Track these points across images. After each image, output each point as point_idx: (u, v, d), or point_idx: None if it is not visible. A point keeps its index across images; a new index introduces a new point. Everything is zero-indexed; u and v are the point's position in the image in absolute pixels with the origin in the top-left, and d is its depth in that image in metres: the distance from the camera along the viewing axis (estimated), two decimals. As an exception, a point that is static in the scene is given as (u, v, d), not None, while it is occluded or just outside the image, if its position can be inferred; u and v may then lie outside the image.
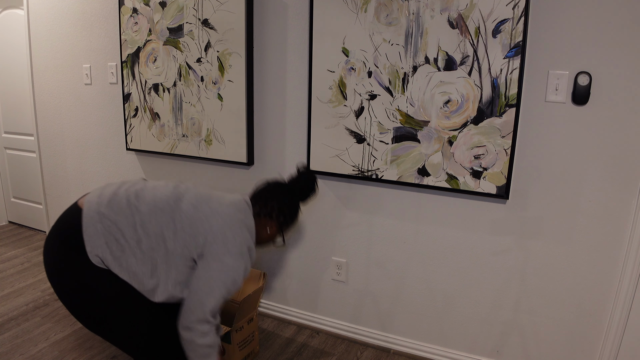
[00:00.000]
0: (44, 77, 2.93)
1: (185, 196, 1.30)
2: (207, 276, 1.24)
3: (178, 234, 1.24)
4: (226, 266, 1.24)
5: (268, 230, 1.44)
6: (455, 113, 1.69)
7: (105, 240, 1.20)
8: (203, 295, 1.23)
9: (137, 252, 1.22)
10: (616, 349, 1.65)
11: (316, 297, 2.21)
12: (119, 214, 1.23)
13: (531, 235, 1.71)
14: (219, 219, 1.27)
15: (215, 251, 1.25)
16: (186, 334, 1.24)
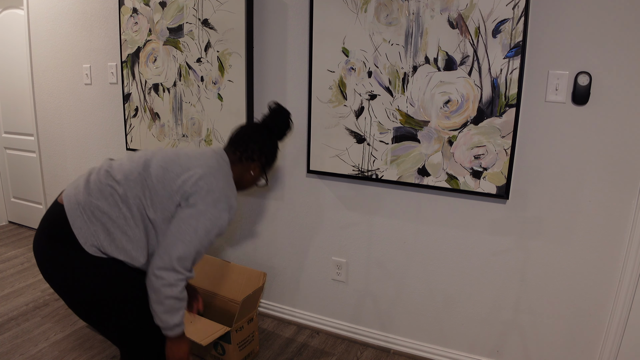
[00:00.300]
0: (44, 77, 2.93)
1: (152, 161, 1.28)
2: (179, 222, 1.21)
3: (154, 199, 1.23)
4: (198, 212, 1.21)
5: (252, 172, 1.44)
6: (455, 113, 1.69)
7: (95, 228, 1.19)
8: (172, 240, 1.19)
9: (127, 229, 1.21)
10: (616, 349, 1.65)
11: (316, 297, 2.21)
12: (98, 198, 1.21)
13: (531, 235, 1.71)
14: (191, 173, 1.25)
15: (190, 201, 1.23)
16: (152, 281, 1.19)
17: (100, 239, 1.19)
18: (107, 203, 1.20)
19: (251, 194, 2.26)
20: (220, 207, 1.25)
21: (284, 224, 2.22)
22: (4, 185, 3.56)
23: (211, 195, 1.23)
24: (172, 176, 1.24)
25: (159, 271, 1.18)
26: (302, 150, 2.08)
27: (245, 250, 2.36)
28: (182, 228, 1.20)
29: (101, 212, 1.20)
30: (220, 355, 1.88)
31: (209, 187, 1.24)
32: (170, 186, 1.23)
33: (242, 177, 1.44)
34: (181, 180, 1.24)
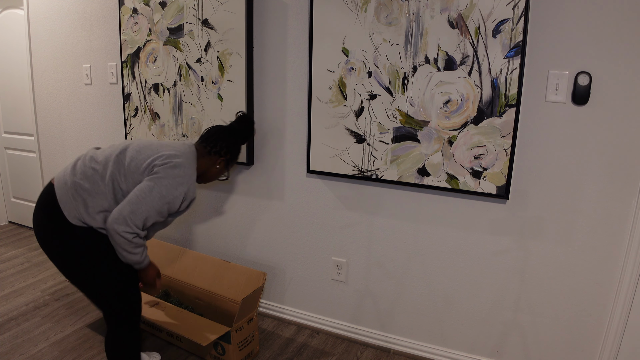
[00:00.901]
0: (44, 77, 2.93)
1: (130, 146, 1.53)
2: (140, 185, 1.43)
3: (127, 175, 1.46)
4: (158, 178, 1.44)
5: (217, 165, 1.69)
6: (455, 113, 1.69)
7: (76, 203, 1.43)
8: (130, 197, 1.41)
9: (104, 202, 1.44)
10: (616, 349, 1.65)
11: (316, 297, 2.21)
12: (82, 179, 1.46)
13: (531, 235, 1.71)
14: (161, 153, 1.50)
15: (154, 171, 1.45)
16: (110, 231, 1.40)
17: (80, 211, 1.43)
18: (89, 182, 1.45)
19: (251, 195, 2.26)
20: (178, 181, 1.47)
21: (284, 224, 2.22)
22: (4, 185, 3.56)
23: (174, 170, 1.46)
24: (144, 157, 1.49)
25: (113, 223, 1.39)
26: (302, 150, 2.08)
27: (245, 250, 2.36)
28: (141, 187, 1.43)
29: (82, 189, 1.44)
30: (220, 355, 1.88)
31: (174, 164, 1.47)
32: (141, 164, 1.47)
33: (209, 169, 1.69)
34: (150, 159, 1.48)
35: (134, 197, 1.41)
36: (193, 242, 2.51)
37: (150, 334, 2.12)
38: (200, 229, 2.47)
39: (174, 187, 1.45)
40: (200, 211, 2.45)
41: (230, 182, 2.31)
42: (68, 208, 1.43)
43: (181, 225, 2.53)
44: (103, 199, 1.44)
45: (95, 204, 1.44)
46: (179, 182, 1.47)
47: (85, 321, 2.21)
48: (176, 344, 2.04)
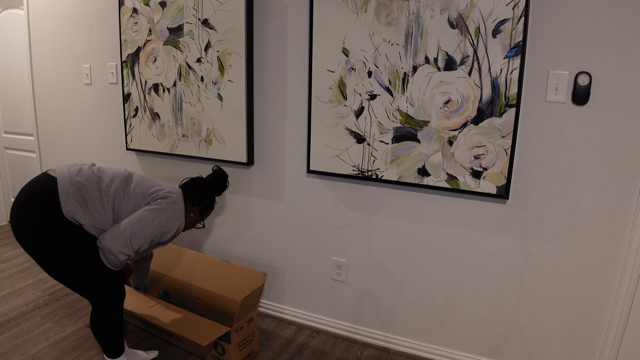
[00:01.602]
0: (44, 77, 2.93)
1: (134, 174, 1.71)
2: (144, 211, 1.58)
3: (130, 196, 1.61)
4: (161, 209, 1.60)
5: (192, 214, 1.81)
6: (455, 113, 1.69)
7: (77, 200, 1.52)
8: (134, 220, 1.55)
9: (100, 209, 1.55)
10: (616, 349, 1.65)
11: (316, 297, 2.21)
12: (87, 180, 1.57)
13: (531, 235, 1.71)
14: (163, 187, 1.68)
15: (158, 201, 1.61)
16: (107, 243, 1.53)
17: (78, 210, 1.52)
18: (92, 187, 1.56)
19: (251, 195, 2.26)
20: (176, 216, 1.64)
21: (284, 224, 2.22)
22: (4, 185, 3.56)
23: (174, 205, 1.64)
24: (148, 185, 1.66)
25: (113, 239, 1.52)
26: (302, 150, 2.08)
27: (245, 250, 2.36)
28: (145, 215, 1.57)
29: (85, 190, 1.54)
30: (220, 355, 1.88)
31: (174, 199, 1.65)
32: (146, 191, 1.64)
33: (186, 216, 1.80)
34: (154, 189, 1.65)
35: (136, 222, 1.55)
36: (193, 242, 2.51)
37: (150, 334, 2.12)
38: (200, 230, 2.47)
39: (171, 221, 1.62)
40: (200, 211, 2.44)
41: (231, 183, 2.31)
42: (67, 202, 1.50)
43: (181, 225, 2.53)
44: (101, 208, 1.56)
45: (94, 211, 1.54)
46: (176, 217, 1.64)
47: (85, 321, 2.21)
48: (176, 343, 2.04)
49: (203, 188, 1.83)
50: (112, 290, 1.66)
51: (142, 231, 1.55)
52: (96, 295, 1.64)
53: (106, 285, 1.64)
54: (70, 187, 1.53)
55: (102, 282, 1.62)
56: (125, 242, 1.53)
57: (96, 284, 1.61)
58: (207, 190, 1.84)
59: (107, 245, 1.53)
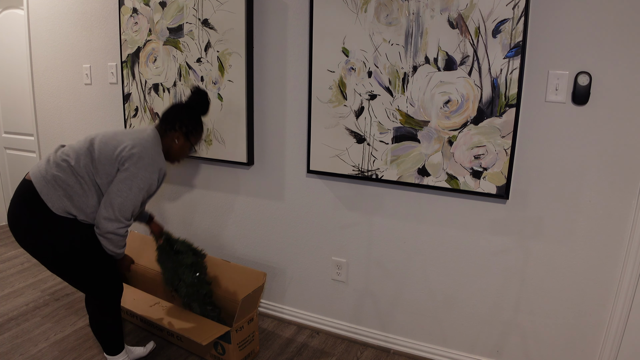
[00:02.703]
0: (44, 77, 2.93)
1: (96, 139, 1.61)
2: (117, 183, 1.54)
3: (99, 168, 1.55)
4: (132, 174, 1.54)
5: (176, 140, 1.73)
6: (455, 113, 1.69)
7: (58, 194, 1.51)
8: (113, 197, 1.52)
9: (83, 194, 1.54)
10: (616, 349, 1.65)
11: (316, 297, 2.21)
12: (57, 170, 1.53)
13: (531, 235, 1.71)
14: (124, 145, 1.57)
15: (125, 166, 1.54)
16: (101, 227, 1.53)
17: (64, 202, 1.51)
18: (65, 173, 1.53)
19: (251, 195, 2.26)
20: (149, 170, 1.58)
21: (284, 224, 2.22)
22: (4, 185, 3.56)
23: (142, 161, 1.56)
24: (110, 148, 1.57)
25: (105, 221, 1.52)
26: (302, 150, 2.08)
27: (245, 250, 2.36)
28: (121, 187, 1.53)
29: (61, 180, 1.52)
30: (220, 355, 1.88)
31: (139, 155, 1.56)
32: (110, 156, 1.56)
33: (170, 147, 1.73)
34: (118, 151, 1.56)
35: (116, 198, 1.53)
36: (193, 242, 2.51)
37: (150, 333, 2.12)
38: (201, 229, 2.47)
39: (148, 177, 1.57)
40: (200, 211, 2.45)
41: (230, 183, 2.31)
42: (52, 200, 1.50)
43: (181, 225, 2.54)
44: (83, 192, 1.54)
45: (79, 198, 1.53)
46: (151, 171, 1.58)
47: (85, 321, 2.21)
48: (176, 343, 2.04)
49: (181, 111, 1.74)
50: (111, 285, 1.67)
51: (126, 202, 1.54)
52: (96, 291, 1.64)
53: (105, 279, 1.64)
54: (47, 185, 1.51)
55: (101, 277, 1.63)
56: (117, 218, 1.53)
57: (95, 279, 1.62)
58: (187, 112, 1.75)
59: (103, 227, 1.53)
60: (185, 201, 2.48)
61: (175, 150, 1.74)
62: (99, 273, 1.62)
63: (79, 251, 1.55)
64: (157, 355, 1.97)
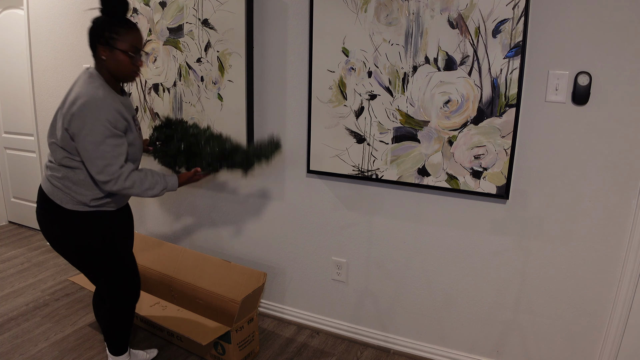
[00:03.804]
0: (44, 77, 2.93)
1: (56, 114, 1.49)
2: (82, 151, 1.41)
3: (67, 149, 1.46)
4: (84, 134, 1.38)
5: (104, 57, 1.45)
6: (455, 113, 1.69)
7: (60, 189, 1.50)
8: (89, 164, 1.41)
9: (76, 179, 1.50)
10: (616, 349, 1.65)
11: (316, 297, 2.21)
12: (51, 170, 1.52)
13: (531, 235, 1.71)
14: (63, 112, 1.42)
15: (75, 133, 1.40)
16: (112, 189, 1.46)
17: (72, 195, 1.50)
18: (56, 170, 1.51)
19: (251, 194, 2.26)
20: (96, 116, 1.38)
21: (284, 224, 2.22)
22: (4, 185, 3.56)
23: (82, 115, 1.38)
24: (59, 126, 1.44)
25: (105, 185, 1.44)
26: (302, 150, 2.08)
27: (245, 250, 2.36)
28: (89, 148, 1.39)
29: (57, 179, 1.50)
30: (220, 355, 1.88)
31: (73, 112, 1.38)
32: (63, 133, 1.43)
33: (107, 67, 1.48)
34: (60, 124, 1.44)
35: (95, 160, 1.40)
36: (193, 242, 2.51)
37: (150, 333, 2.12)
38: (201, 229, 2.47)
39: (101, 122, 1.37)
40: (200, 211, 2.45)
41: (230, 182, 2.31)
42: (58, 197, 1.50)
43: (181, 225, 2.54)
44: (77, 177, 1.49)
45: (79, 186, 1.50)
46: (97, 118, 1.37)
47: (85, 321, 2.21)
48: (176, 343, 2.04)
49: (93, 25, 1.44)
50: (129, 284, 1.67)
51: (107, 158, 1.41)
52: (114, 288, 1.64)
53: (123, 277, 1.65)
54: (50, 185, 1.52)
55: (119, 274, 1.63)
56: (112, 177, 1.42)
57: (113, 274, 1.62)
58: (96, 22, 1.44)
59: (110, 190, 1.45)
60: (185, 201, 2.48)
61: (112, 68, 1.47)
62: (117, 269, 1.63)
63: (97, 244, 1.56)
64: (157, 355, 1.97)
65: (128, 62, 1.47)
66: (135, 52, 1.48)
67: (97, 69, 1.49)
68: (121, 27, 1.45)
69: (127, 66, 1.48)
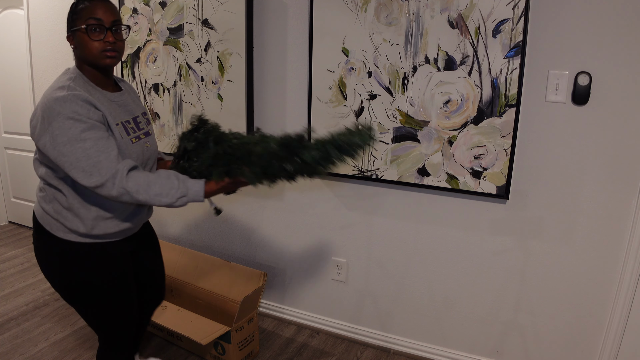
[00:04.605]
0: (44, 77, 2.93)
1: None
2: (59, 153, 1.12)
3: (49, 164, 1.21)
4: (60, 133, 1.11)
5: (72, 46, 1.23)
6: (455, 113, 1.69)
7: (51, 215, 1.24)
8: (74, 174, 1.13)
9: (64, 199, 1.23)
10: (616, 349, 1.65)
11: (316, 297, 2.21)
12: (39, 192, 1.29)
13: (531, 235, 1.71)
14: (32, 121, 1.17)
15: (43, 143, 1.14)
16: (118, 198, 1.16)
17: (62, 222, 1.23)
18: (44, 194, 1.26)
19: (251, 194, 2.26)
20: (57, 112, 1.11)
21: (284, 224, 2.22)
22: (4, 185, 3.56)
23: (42, 122, 1.13)
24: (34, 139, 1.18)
25: (100, 190, 1.14)
26: (302, 150, 2.08)
27: (245, 250, 2.36)
28: (69, 151, 1.12)
29: (46, 201, 1.25)
30: (221, 355, 1.88)
31: (42, 115, 1.14)
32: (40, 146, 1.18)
33: (79, 56, 1.23)
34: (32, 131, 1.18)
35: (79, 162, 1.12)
36: (193, 242, 2.51)
37: (150, 334, 2.12)
38: (201, 229, 2.47)
39: (67, 116, 1.11)
40: (200, 211, 2.45)
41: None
42: (48, 223, 1.25)
43: (181, 225, 2.53)
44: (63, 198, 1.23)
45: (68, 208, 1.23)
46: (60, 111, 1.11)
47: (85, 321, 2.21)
48: (176, 343, 2.04)
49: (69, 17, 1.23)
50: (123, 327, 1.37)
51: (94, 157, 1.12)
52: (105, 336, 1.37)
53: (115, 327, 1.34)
54: (41, 210, 1.27)
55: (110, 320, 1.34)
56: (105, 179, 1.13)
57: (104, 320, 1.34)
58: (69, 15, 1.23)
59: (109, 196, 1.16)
60: (185, 201, 2.48)
61: (80, 55, 1.22)
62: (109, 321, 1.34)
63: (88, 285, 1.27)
64: (157, 355, 1.97)
65: (87, 39, 1.18)
66: (98, 25, 1.18)
67: (77, 65, 1.25)
68: (81, 3, 1.20)
69: (88, 44, 1.18)
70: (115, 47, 1.21)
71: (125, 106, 1.31)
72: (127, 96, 1.34)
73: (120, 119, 1.26)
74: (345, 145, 1.22)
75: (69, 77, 1.19)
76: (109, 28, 1.19)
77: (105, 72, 1.26)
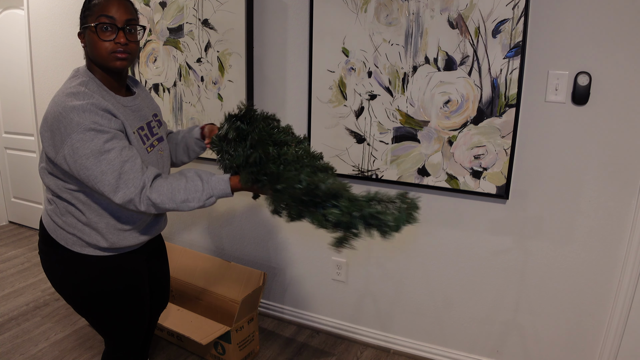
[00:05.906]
0: (44, 77, 2.93)
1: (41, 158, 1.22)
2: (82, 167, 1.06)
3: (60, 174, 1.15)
4: (79, 146, 1.04)
5: (83, 45, 1.16)
6: (455, 113, 1.69)
7: (67, 232, 1.19)
8: (100, 181, 1.06)
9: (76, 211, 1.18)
10: (616, 349, 1.65)
11: (316, 297, 2.22)
12: (48, 204, 1.23)
13: (531, 235, 1.71)
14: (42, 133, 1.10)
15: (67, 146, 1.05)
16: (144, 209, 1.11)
17: (79, 236, 1.18)
18: (54, 206, 1.20)
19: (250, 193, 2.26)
20: (76, 123, 1.04)
21: (284, 223, 2.22)
22: (4, 185, 3.56)
23: (58, 134, 1.05)
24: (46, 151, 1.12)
25: (131, 204, 1.09)
26: (302, 150, 2.08)
27: (245, 250, 2.36)
28: (90, 165, 1.05)
29: (58, 215, 1.19)
30: (221, 355, 1.88)
31: (44, 136, 1.09)
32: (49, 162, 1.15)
33: (89, 56, 1.16)
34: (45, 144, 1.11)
35: (104, 176, 1.06)
36: (193, 242, 2.51)
37: (150, 334, 2.12)
38: (201, 229, 2.47)
39: (87, 126, 1.04)
40: (200, 211, 2.45)
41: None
42: (63, 237, 1.20)
43: (181, 225, 2.54)
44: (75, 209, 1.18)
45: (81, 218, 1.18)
46: (79, 121, 1.03)
47: (85, 321, 2.21)
48: (176, 343, 2.04)
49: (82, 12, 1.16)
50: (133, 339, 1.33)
51: (118, 169, 1.05)
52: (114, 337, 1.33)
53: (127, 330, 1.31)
54: (52, 223, 1.22)
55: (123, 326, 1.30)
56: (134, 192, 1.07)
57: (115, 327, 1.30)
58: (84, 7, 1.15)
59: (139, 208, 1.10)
60: (185, 201, 2.48)
61: (90, 55, 1.15)
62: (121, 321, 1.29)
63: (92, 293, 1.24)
64: (157, 355, 1.97)
65: (97, 39, 1.10)
66: (110, 24, 1.10)
67: (86, 66, 1.18)
68: (89, 8, 1.13)
69: (97, 45, 1.11)
70: (127, 48, 1.13)
71: (139, 111, 1.24)
72: (140, 100, 1.26)
73: (136, 126, 1.19)
74: (374, 222, 1.10)
75: (81, 81, 1.12)
76: (121, 28, 1.11)
77: (117, 74, 1.18)
